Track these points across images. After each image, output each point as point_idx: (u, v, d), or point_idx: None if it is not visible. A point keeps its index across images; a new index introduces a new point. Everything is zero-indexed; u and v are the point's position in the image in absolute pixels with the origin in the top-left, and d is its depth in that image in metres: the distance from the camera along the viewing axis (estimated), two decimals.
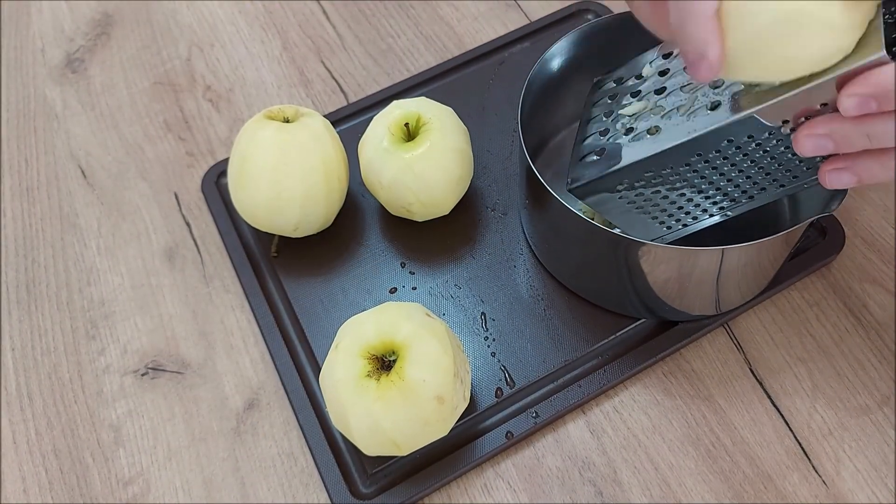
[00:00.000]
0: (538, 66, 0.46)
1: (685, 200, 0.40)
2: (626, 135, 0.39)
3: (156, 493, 0.45)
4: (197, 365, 0.49)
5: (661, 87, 0.39)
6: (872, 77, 0.29)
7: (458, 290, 0.50)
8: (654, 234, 0.43)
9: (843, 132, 0.31)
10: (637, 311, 0.47)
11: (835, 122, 0.31)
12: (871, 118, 0.30)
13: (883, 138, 0.31)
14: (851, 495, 0.42)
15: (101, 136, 0.60)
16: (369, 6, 0.66)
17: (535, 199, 0.45)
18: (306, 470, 0.45)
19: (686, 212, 0.41)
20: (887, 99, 0.29)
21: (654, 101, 0.39)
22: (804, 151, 0.32)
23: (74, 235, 0.55)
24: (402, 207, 0.49)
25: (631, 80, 0.41)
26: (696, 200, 0.40)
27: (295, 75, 0.62)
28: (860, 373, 0.45)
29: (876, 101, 0.29)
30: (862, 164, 0.33)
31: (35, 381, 0.49)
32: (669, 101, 0.38)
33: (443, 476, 0.43)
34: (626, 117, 0.40)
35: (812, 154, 0.33)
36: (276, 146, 0.46)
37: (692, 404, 0.45)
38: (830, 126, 0.32)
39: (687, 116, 0.37)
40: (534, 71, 0.46)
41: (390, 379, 0.38)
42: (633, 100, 0.41)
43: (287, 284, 0.51)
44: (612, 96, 0.42)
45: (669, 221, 0.42)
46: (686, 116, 0.37)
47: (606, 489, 0.43)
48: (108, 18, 0.67)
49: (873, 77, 0.29)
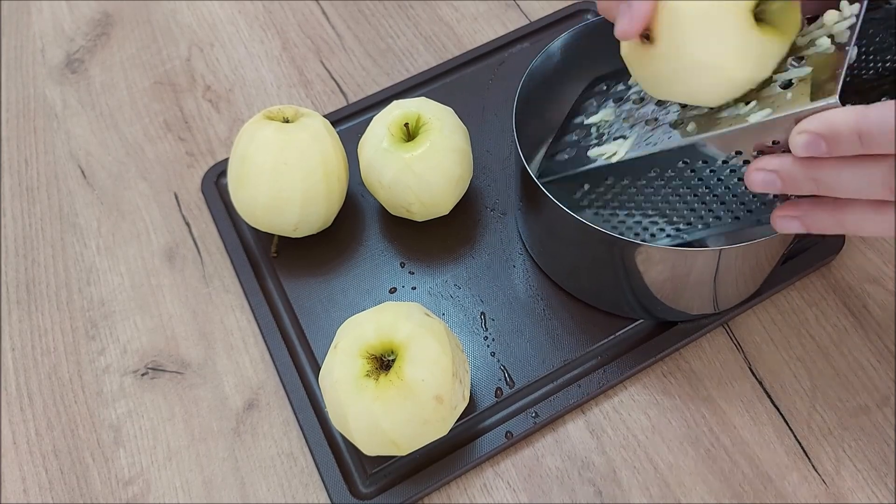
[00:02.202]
0: (536, 62, 0.46)
1: (640, 215, 0.40)
2: (595, 140, 0.39)
3: (156, 493, 0.45)
4: (197, 365, 0.49)
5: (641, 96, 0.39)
6: (824, 116, 0.29)
7: (458, 290, 0.50)
8: None
9: (792, 171, 0.31)
10: (634, 312, 0.47)
11: (785, 159, 0.31)
12: (821, 162, 0.30)
13: (831, 186, 0.30)
14: (851, 495, 0.42)
15: (101, 136, 0.60)
16: (369, 6, 0.66)
17: (530, 200, 0.45)
18: (306, 470, 0.45)
19: (644, 227, 0.41)
20: (836, 142, 0.29)
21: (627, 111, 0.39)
22: (753, 185, 0.32)
23: (74, 235, 0.55)
24: (402, 207, 0.49)
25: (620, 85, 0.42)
26: (653, 218, 0.40)
27: (294, 75, 0.62)
28: (860, 373, 0.45)
29: (825, 142, 0.29)
30: (813, 215, 0.32)
31: (35, 381, 0.49)
32: (642, 112, 0.39)
33: (443, 476, 0.43)
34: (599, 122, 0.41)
35: (761, 189, 0.32)
36: (275, 146, 0.46)
37: (691, 404, 0.45)
38: (780, 162, 0.31)
39: (650, 131, 0.37)
40: (530, 70, 0.46)
41: (389, 379, 0.38)
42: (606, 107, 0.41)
43: (287, 284, 0.51)
44: (599, 98, 0.42)
45: (626, 233, 0.42)
46: (649, 131, 0.37)
47: (606, 489, 0.43)
48: (108, 18, 0.67)
49: (824, 116, 0.29)
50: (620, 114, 0.40)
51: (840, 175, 0.29)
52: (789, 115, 0.31)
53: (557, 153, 0.41)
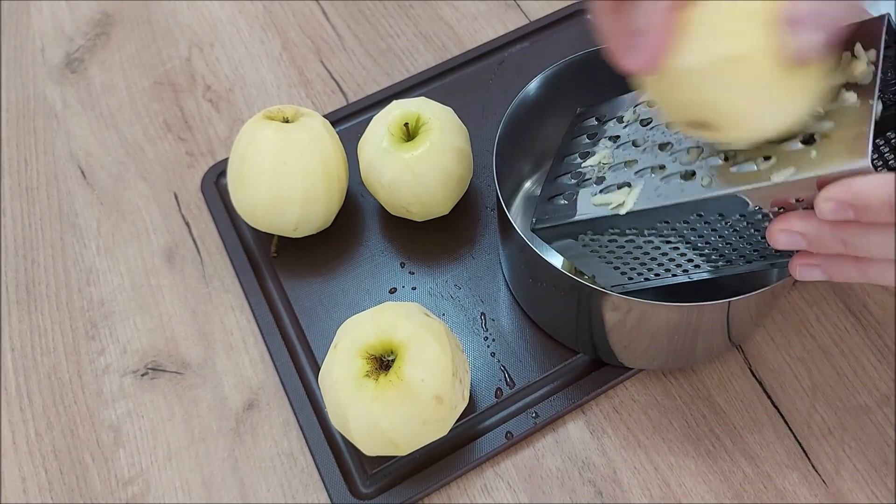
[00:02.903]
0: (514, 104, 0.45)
1: (648, 259, 0.39)
2: (596, 184, 0.38)
3: (156, 494, 0.45)
4: (197, 365, 0.49)
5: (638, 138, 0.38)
6: (853, 184, 0.28)
7: (458, 290, 0.50)
8: (615, 281, 0.42)
9: (819, 234, 0.30)
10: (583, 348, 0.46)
11: (811, 221, 0.30)
12: (849, 226, 0.29)
13: (860, 248, 0.29)
14: (851, 495, 0.42)
15: (101, 136, 0.60)
16: (369, 6, 0.66)
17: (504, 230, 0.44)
18: (306, 470, 0.45)
19: (649, 268, 0.40)
20: (865, 210, 0.27)
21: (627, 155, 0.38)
22: (776, 244, 0.31)
23: (74, 235, 0.55)
24: (402, 207, 0.49)
25: (612, 122, 0.40)
26: (659, 261, 0.39)
27: (294, 75, 0.62)
28: (860, 372, 0.45)
29: (853, 209, 0.28)
30: (835, 265, 0.31)
31: (35, 382, 0.49)
32: (644, 157, 0.37)
33: (443, 476, 0.43)
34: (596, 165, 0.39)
35: (784, 248, 0.31)
36: (275, 146, 0.46)
37: (692, 404, 0.45)
38: (806, 225, 0.30)
39: (659, 180, 0.35)
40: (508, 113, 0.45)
41: (389, 379, 0.38)
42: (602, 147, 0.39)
43: (287, 284, 0.51)
44: (591, 135, 0.40)
45: (631, 273, 0.41)
46: (658, 180, 0.35)
47: (606, 489, 0.43)
48: (108, 18, 0.67)
49: (854, 185, 0.28)
50: (619, 157, 0.38)
51: (869, 239, 0.28)
52: (814, 177, 0.29)
53: (554, 197, 0.39)
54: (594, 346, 0.45)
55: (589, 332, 0.44)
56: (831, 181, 0.28)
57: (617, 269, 0.41)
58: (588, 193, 0.38)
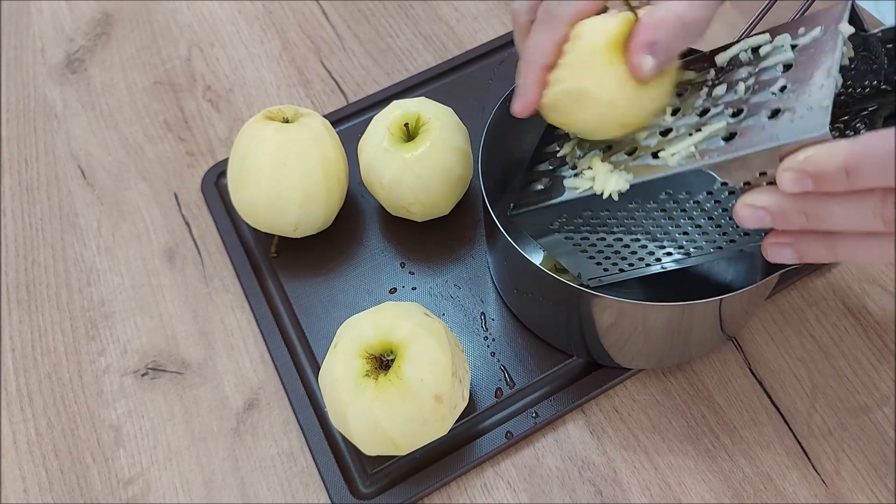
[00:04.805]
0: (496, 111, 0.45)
1: (622, 246, 0.39)
2: (572, 169, 0.38)
3: (156, 493, 0.45)
4: (197, 365, 0.49)
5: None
6: (808, 152, 0.28)
7: (458, 290, 0.50)
8: (591, 273, 0.42)
9: (781, 207, 0.30)
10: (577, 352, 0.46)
11: (773, 194, 0.30)
12: (809, 197, 0.29)
13: (821, 220, 0.29)
14: (851, 495, 0.42)
15: (101, 136, 0.60)
16: (369, 6, 0.66)
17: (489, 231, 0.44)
18: (306, 470, 0.45)
19: (622, 257, 0.40)
20: (823, 178, 0.28)
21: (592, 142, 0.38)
22: (742, 221, 0.31)
23: (74, 235, 0.55)
24: (402, 207, 0.49)
25: None
26: (632, 248, 0.39)
27: (294, 75, 0.62)
28: (860, 373, 0.45)
29: (812, 179, 0.28)
30: (805, 242, 0.31)
31: (35, 381, 0.49)
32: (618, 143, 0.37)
33: (443, 476, 0.43)
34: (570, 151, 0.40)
35: (750, 226, 0.31)
36: (275, 146, 0.46)
37: (692, 404, 0.45)
38: (769, 198, 0.30)
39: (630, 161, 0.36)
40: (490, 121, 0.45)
41: (388, 378, 0.38)
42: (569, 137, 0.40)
43: (287, 284, 0.51)
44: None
45: (606, 264, 0.41)
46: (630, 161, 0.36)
47: (606, 489, 0.43)
48: (108, 18, 0.67)
49: (809, 152, 0.28)
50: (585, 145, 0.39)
51: (830, 209, 0.29)
52: (774, 148, 0.30)
53: (532, 183, 0.40)
54: (587, 348, 0.45)
55: (581, 336, 0.44)
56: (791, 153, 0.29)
57: (592, 259, 0.41)
58: (563, 179, 0.39)
